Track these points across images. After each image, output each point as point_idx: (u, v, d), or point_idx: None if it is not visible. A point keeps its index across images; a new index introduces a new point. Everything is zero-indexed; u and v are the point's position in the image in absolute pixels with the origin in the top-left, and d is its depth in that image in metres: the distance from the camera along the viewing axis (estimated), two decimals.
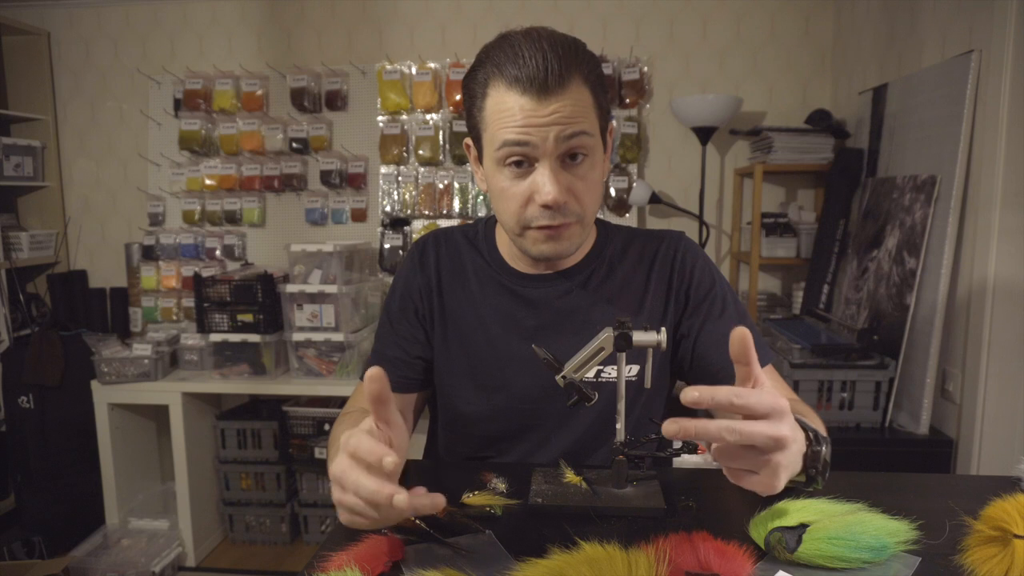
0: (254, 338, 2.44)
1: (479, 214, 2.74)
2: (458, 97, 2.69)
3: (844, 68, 2.53)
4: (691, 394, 0.59)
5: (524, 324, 1.01)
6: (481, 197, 2.74)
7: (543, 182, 0.86)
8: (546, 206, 0.87)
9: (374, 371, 0.62)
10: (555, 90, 0.83)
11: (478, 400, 1.02)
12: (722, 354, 0.98)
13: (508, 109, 0.85)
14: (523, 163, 0.87)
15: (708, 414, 1.00)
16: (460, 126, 2.72)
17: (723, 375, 0.97)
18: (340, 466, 0.64)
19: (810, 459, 0.68)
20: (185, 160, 2.88)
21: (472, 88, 0.90)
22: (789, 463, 0.62)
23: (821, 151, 2.41)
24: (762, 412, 0.60)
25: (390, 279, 2.76)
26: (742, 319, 1.01)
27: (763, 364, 0.97)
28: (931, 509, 0.74)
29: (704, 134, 2.45)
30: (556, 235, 0.91)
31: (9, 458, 2.65)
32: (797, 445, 0.64)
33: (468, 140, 0.97)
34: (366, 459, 0.61)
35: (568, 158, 0.87)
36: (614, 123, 2.66)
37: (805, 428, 0.69)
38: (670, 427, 0.58)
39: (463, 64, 2.69)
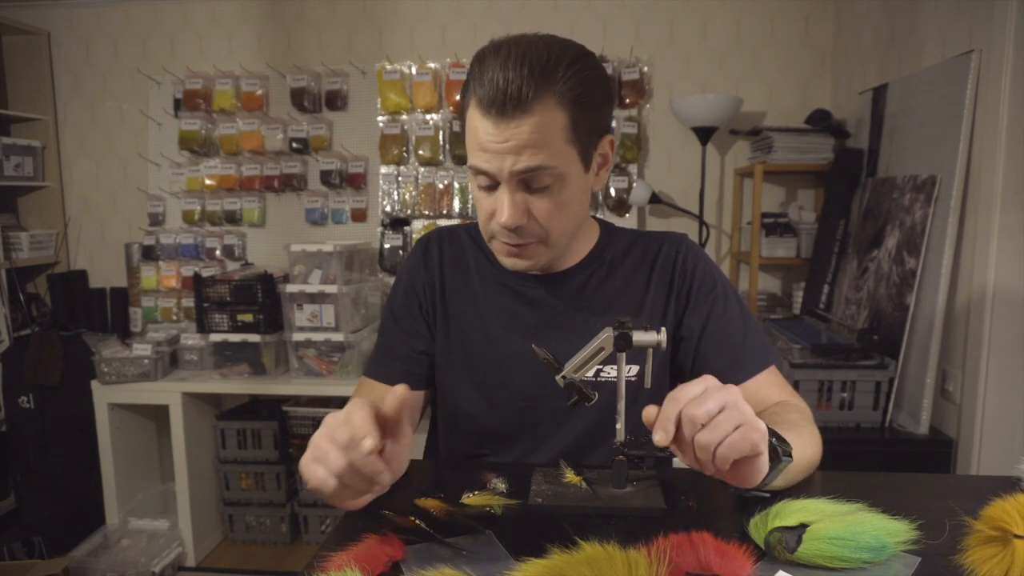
0: (254, 338, 2.44)
1: None
2: (458, 97, 2.68)
3: (844, 68, 2.53)
4: (656, 436, 0.68)
5: (525, 322, 1.01)
6: None
7: (501, 205, 0.87)
8: (503, 226, 0.88)
9: (400, 388, 0.68)
10: (513, 114, 0.81)
11: (478, 397, 1.02)
12: (723, 356, 0.98)
13: (474, 129, 0.85)
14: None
15: None
16: (459, 126, 2.71)
17: (722, 378, 0.96)
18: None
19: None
20: (185, 160, 2.88)
21: (463, 98, 0.90)
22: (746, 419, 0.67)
23: (821, 151, 2.41)
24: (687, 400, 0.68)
25: (390, 279, 2.76)
26: (745, 320, 1.00)
27: (765, 366, 0.97)
28: (931, 509, 0.74)
29: (704, 134, 2.45)
30: (518, 253, 0.92)
31: (9, 458, 2.65)
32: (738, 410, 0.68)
33: None
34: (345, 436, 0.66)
35: (530, 184, 0.86)
36: (613, 123, 2.65)
37: None
38: (658, 437, 0.68)
39: (463, 64, 2.69)
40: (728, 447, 0.66)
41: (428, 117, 2.76)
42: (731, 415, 0.67)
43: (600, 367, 0.97)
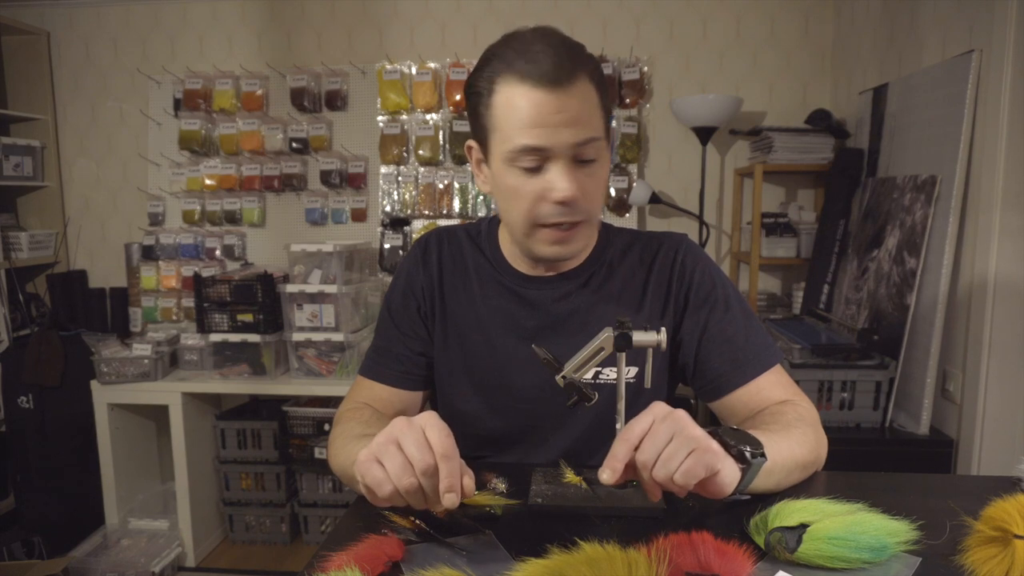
0: (254, 338, 2.44)
1: (479, 214, 2.74)
2: (458, 97, 2.68)
3: (844, 68, 2.53)
4: (603, 475, 0.70)
5: (523, 325, 1.01)
6: (481, 197, 2.74)
7: (558, 179, 0.85)
8: (560, 203, 0.87)
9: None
10: (566, 84, 0.83)
11: (477, 399, 1.02)
12: (725, 358, 0.97)
13: (520, 106, 0.83)
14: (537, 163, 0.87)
15: (715, 421, 1.00)
16: (460, 126, 2.72)
17: (724, 380, 0.97)
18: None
19: (727, 442, 0.72)
20: (185, 160, 2.88)
21: (477, 86, 0.88)
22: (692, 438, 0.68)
23: (821, 151, 2.41)
24: (638, 438, 0.69)
25: (390, 279, 2.75)
26: (747, 321, 0.99)
27: (768, 367, 0.96)
28: (931, 509, 0.74)
29: (704, 134, 2.45)
30: (566, 238, 0.91)
31: (9, 458, 2.65)
32: (683, 429, 0.68)
33: (471, 142, 0.95)
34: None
35: (580, 157, 0.87)
36: (613, 124, 2.66)
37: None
38: (605, 476, 0.70)
39: (463, 64, 2.69)
40: (684, 475, 0.67)
41: (428, 117, 2.76)
42: (680, 443, 0.67)
43: (599, 369, 0.97)
